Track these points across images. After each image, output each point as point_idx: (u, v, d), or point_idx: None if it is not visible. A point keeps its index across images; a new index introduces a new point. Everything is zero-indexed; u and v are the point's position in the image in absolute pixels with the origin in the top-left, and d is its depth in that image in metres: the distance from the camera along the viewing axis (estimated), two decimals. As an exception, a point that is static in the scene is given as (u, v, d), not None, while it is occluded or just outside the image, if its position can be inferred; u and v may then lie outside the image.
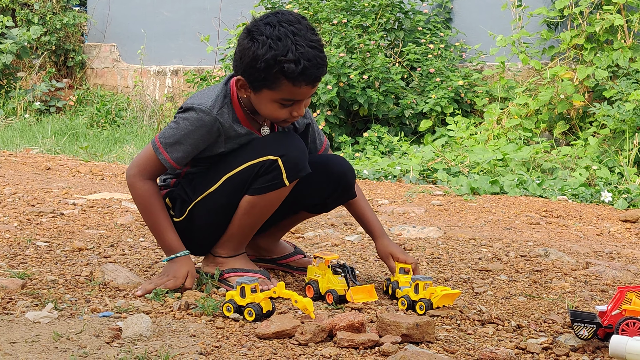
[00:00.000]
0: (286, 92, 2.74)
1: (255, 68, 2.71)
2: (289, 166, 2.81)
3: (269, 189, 2.84)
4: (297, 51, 2.67)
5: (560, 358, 2.43)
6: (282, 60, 2.67)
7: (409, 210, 5.27)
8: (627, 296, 2.50)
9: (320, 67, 2.72)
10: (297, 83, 2.71)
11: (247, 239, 3.01)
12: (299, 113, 2.82)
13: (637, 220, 5.23)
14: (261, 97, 2.78)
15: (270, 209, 2.92)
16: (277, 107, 2.78)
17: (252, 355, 2.25)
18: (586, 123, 7.96)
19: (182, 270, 2.87)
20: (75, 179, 6.19)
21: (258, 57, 2.69)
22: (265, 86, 2.74)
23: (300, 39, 2.69)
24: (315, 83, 2.75)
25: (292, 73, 2.68)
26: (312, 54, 2.69)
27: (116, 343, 2.28)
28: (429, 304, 2.80)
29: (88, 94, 11.77)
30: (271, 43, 2.67)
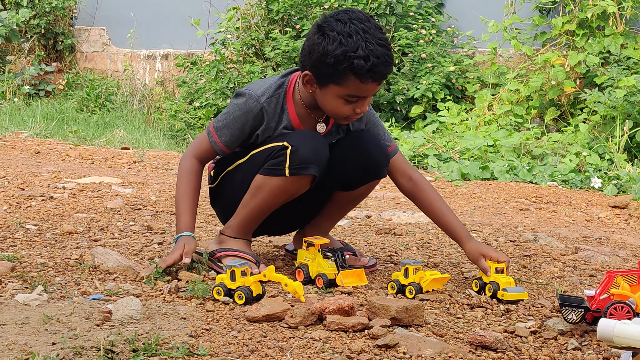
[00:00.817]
0: (353, 88, 2.77)
1: (325, 63, 2.75)
2: (294, 159, 2.83)
3: (271, 172, 2.86)
4: (366, 48, 2.71)
5: (548, 342, 2.44)
6: (352, 57, 2.71)
7: (400, 196, 5.28)
8: (615, 281, 2.51)
9: (388, 65, 2.77)
10: (364, 80, 2.75)
11: (252, 224, 3.00)
12: (362, 110, 2.85)
13: (627, 206, 5.25)
14: (327, 93, 2.82)
15: (273, 198, 2.91)
16: (341, 103, 2.82)
17: (242, 337, 2.26)
18: (577, 109, 7.97)
19: (179, 244, 2.89)
20: (64, 162, 6.17)
21: (328, 53, 2.73)
22: (332, 81, 2.78)
23: (370, 36, 2.73)
24: (382, 80, 2.80)
25: (360, 69, 2.72)
26: (380, 51, 2.73)
27: (106, 325, 2.28)
28: (418, 288, 2.80)
29: (77, 77, 11.73)
30: (342, 39, 2.72)
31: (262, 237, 3.68)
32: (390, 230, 3.98)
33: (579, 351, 2.37)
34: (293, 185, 2.88)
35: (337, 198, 3.15)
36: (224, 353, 2.11)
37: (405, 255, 3.46)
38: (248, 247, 3.01)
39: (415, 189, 3.10)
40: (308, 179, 2.88)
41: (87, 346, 2.08)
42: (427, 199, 3.09)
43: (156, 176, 5.75)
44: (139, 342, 2.12)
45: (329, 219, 3.24)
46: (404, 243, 3.71)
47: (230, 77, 9.13)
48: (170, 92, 10.85)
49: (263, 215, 2.98)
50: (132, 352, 2.07)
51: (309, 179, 2.87)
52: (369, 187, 3.15)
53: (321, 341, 2.27)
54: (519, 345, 2.39)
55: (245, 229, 3.01)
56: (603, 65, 7.87)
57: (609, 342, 1.81)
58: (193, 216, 2.96)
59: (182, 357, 2.05)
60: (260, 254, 3.33)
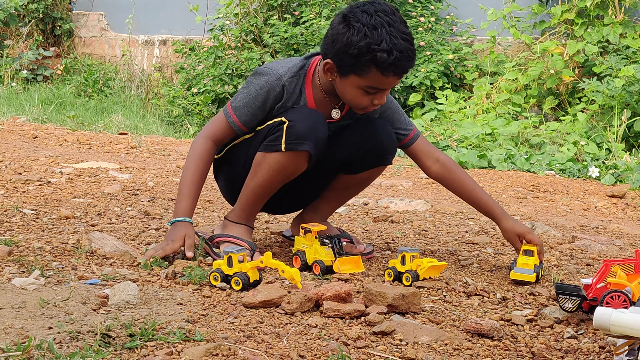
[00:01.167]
0: (373, 80, 2.78)
1: (347, 53, 2.75)
2: (290, 133, 2.83)
3: (268, 148, 2.87)
4: (390, 42, 2.71)
5: (544, 330, 2.45)
6: (375, 49, 2.71)
7: (397, 184, 5.28)
8: (612, 269, 2.51)
9: (410, 60, 2.77)
10: (385, 73, 2.75)
11: (254, 205, 3.00)
12: (380, 102, 2.86)
13: (624, 195, 5.25)
14: (347, 82, 2.82)
15: (272, 176, 2.90)
16: (360, 94, 2.83)
17: (239, 323, 2.26)
18: (575, 99, 7.96)
19: (180, 233, 2.88)
20: (62, 147, 6.16)
21: (352, 43, 2.73)
22: (353, 72, 2.78)
23: (395, 30, 2.73)
24: (402, 74, 2.80)
25: (383, 62, 2.72)
26: (404, 46, 2.73)
27: (103, 310, 2.28)
28: (415, 276, 2.81)
29: (75, 62, 11.70)
30: (366, 31, 2.72)
31: (260, 224, 3.68)
32: (387, 217, 3.98)
33: (575, 339, 2.37)
34: (289, 161, 2.87)
35: (339, 181, 3.14)
36: (220, 339, 2.11)
37: (402, 243, 3.46)
38: (248, 234, 3.01)
39: (444, 171, 3.10)
40: (304, 156, 2.87)
41: (83, 330, 2.08)
42: (458, 180, 3.10)
43: (153, 162, 5.74)
44: (136, 327, 2.12)
45: (328, 204, 3.24)
46: (401, 230, 3.71)
47: (228, 63, 9.11)
48: (168, 78, 10.83)
49: (264, 195, 2.98)
50: (128, 337, 2.07)
51: (305, 155, 2.86)
52: (373, 173, 3.15)
53: (318, 327, 2.27)
54: (515, 333, 2.40)
55: (248, 212, 3.01)
56: (602, 55, 7.85)
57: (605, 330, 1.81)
58: (194, 201, 2.95)
59: (179, 342, 2.05)
60: (258, 240, 3.33)
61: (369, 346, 2.16)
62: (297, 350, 2.07)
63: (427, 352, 2.15)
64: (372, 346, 2.17)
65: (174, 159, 5.96)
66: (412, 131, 3.09)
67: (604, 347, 2.30)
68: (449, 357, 2.14)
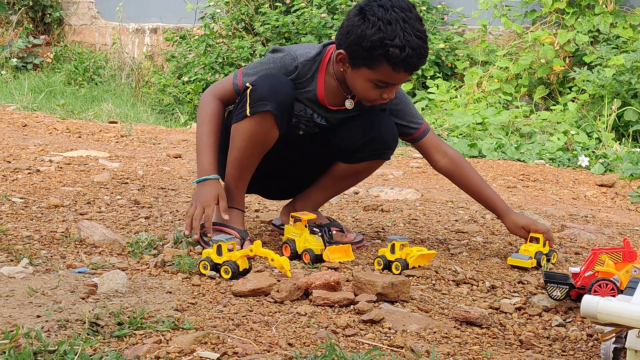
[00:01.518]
0: (384, 74, 2.78)
1: (360, 46, 2.76)
2: (253, 97, 2.84)
3: (237, 117, 2.89)
4: (404, 38, 2.71)
5: (532, 318, 2.46)
6: (388, 44, 2.71)
7: (388, 173, 5.28)
8: (600, 258, 2.52)
9: (422, 58, 2.77)
10: (396, 68, 2.76)
11: (239, 183, 2.99)
12: (389, 96, 2.87)
13: (613, 184, 5.27)
14: (357, 75, 2.83)
15: (245, 145, 2.89)
16: (370, 87, 2.84)
17: (228, 312, 2.26)
18: (566, 88, 7.97)
19: (212, 193, 2.89)
20: (52, 136, 6.15)
21: (366, 37, 2.74)
22: (365, 65, 2.79)
23: (409, 26, 2.73)
24: (413, 71, 2.81)
25: (395, 58, 2.72)
26: (417, 43, 2.73)
27: (91, 299, 2.27)
28: (404, 264, 2.81)
29: (66, 51, 11.66)
30: (381, 25, 2.72)
31: (250, 213, 3.68)
32: (377, 206, 3.99)
33: (563, 328, 2.38)
34: (256, 125, 2.86)
35: (336, 169, 3.14)
36: (209, 327, 2.11)
37: (392, 232, 3.46)
38: (240, 218, 3.00)
39: (452, 166, 3.13)
40: (269, 118, 2.84)
41: (72, 319, 2.07)
42: (465, 175, 3.13)
43: (143, 150, 5.73)
44: (124, 315, 2.12)
45: (321, 192, 3.24)
46: (391, 219, 3.71)
47: (219, 51, 9.09)
48: (159, 67, 10.81)
49: (244, 168, 2.96)
50: (117, 326, 2.07)
51: (269, 117, 2.84)
52: (370, 167, 3.15)
53: (307, 316, 2.27)
54: (503, 321, 2.40)
55: (235, 191, 3.00)
56: (592, 44, 7.86)
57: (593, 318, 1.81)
58: (215, 156, 2.96)
59: (168, 330, 2.05)
60: (248, 228, 3.33)
61: (357, 334, 2.17)
62: (286, 339, 2.07)
63: (416, 340, 2.15)
64: (361, 334, 2.17)
65: (164, 147, 5.94)
66: (422, 125, 3.12)
67: (592, 335, 2.31)
68: (438, 345, 2.14)
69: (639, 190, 4.85)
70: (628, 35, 7.66)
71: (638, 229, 3.93)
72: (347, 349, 2.05)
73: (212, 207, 2.89)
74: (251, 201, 3.93)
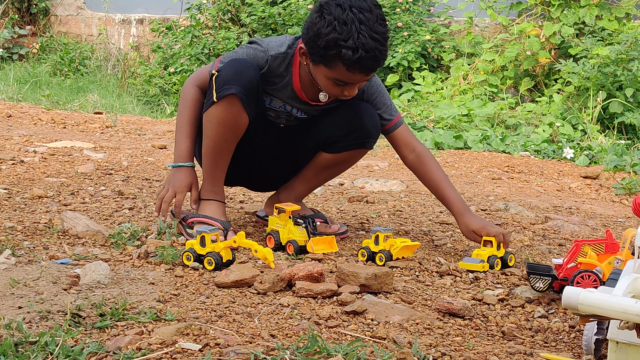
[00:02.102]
0: (340, 74, 2.78)
1: (316, 44, 2.76)
2: (218, 82, 2.85)
3: (207, 105, 2.90)
4: (357, 40, 2.70)
5: (515, 309, 2.46)
6: (342, 45, 2.71)
7: (373, 164, 5.28)
8: (583, 249, 2.53)
9: (376, 60, 2.75)
10: (350, 69, 2.75)
11: (216, 172, 2.98)
12: (350, 94, 2.87)
13: (598, 176, 5.28)
14: (318, 71, 2.84)
15: (216, 132, 2.89)
16: (330, 84, 2.84)
17: (210, 303, 2.26)
18: (551, 80, 7.98)
19: (186, 180, 2.94)
20: (36, 127, 6.12)
21: (320, 35, 2.74)
22: (322, 62, 2.79)
23: (365, 28, 2.71)
24: (370, 73, 2.80)
25: (348, 59, 2.72)
26: (371, 45, 2.72)
27: (74, 290, 2.27)
28: (388, 256, 2.81)
29: (51, 41, 11.59)
30: (336, 25, 2.71)
31: (234, 204, 3.67)
32: (362, 198, 3.99)
33: (546, 319, 2.39)
34: (223, 109, 2.86)
35: (319, 159, 3.14)
36: (191, 318, 2.11)
37: (376, 223, 3.46)
38: (221, 211, 3.00)
39: (417, 162, 3.09)
40: (235, 101, 2.83)
41: (53, 310, 2.07)
42: (428, 172, 3.08)
43: (129, 141, 5.71)
44: (106, 306, 2.12)
45: (304, 183, 3.23)
46: (376, 211, 3.72)
47: (205, 42, 9.06)
48: (145, 57, 10.76)
49: (218, 156, 2.95)
50: (99, 317, 2.06)
51: (235, 100, 2.83)
52: (352, 156, 3.15)
53: (290, 307, 2.27)
54: (486, 312, 2.41)
55: (213, 182, 2.99)
56: (578, 37, 7.87)
57: (574, 309, 1.82)
58: (193, 143, 2.99)
59: (150, 322, 2.05)
60: (232, 220, 3.33)
61: (340, 325, 2.17)
62: (269, 330, 2.07)
63: (398, 331, 2.16)
64: (344, 326, 2.17)
65: (150, 138, 5.93)
66: (395, 118, 3.10)
67: (574, 327, 2.32)
68: (420, 336, 2.15)
69: (623, 182, 4.87)
70: (613, 27, 7.67)
71: (622, 221, 3.94)
72: (330, 340, 2.05)
73: (183, 193, 2.93)
74: (235, 192, 3.93)
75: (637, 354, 1.91)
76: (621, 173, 5.32)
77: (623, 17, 7.85)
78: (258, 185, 3.35)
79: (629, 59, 7.05)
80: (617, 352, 1.93)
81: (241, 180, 3.27)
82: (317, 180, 3.25)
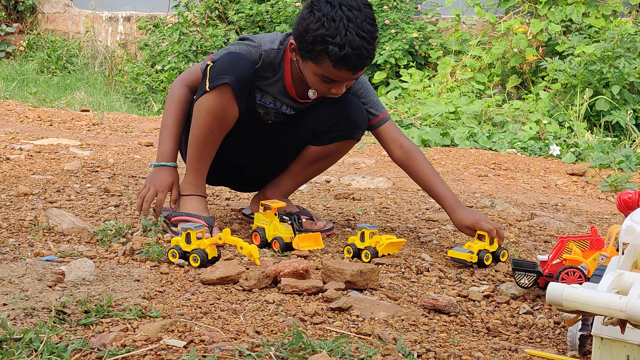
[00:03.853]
0: (327, 71, 2.78)
1: (305, 39, 2.77)
2: (212, 72, 2.85)
3: (198, 94, 2.90)
4: (345, 37, 2.71)
5: (500, 306, 2.47)
6: (329, 42, 2.72)
7: (360, 161, 5.29)
8: (567, 246, 2.54)
9: (363, 58, 2.75)
10: (337, 66, 2.75)
11: (200, 164, 2.96)
12: (338, 92, 2.87)
13: (584, 173, 5.30)
14: (306, 66, 2.84)
15: (205, 122, 2.88)
16: (318, 80, 2.84)
17: (196, 300, 2.25)
18: (538, 77, 8.01)
19: (168, 180, 2.95)
20: (23, 124, 6.10)
21: (309, 31, 2.75)
22: (310, 58, 2.80)
23: (353, 25, 2.72)
24: (356, 71, 2.80)
25: (334, 56, 2.72)
26: (358, 43, 2.72)
27: (59, 287, 2.26)
28: (374, 252, 2.81)
29: (39, 39, 11.56)
30: (325, 22, 2.72)
31: (220, 201, 3.67)
32: (349, 195, 3.99)
33: (531, 315, 2.39)
34: (215, 99, 2.85)
35: (306, 153, 3.14)
36: (176, 315, 2.10)
37: (363, 220, 3.47)
38: (203, 206, 2.99)
39: (405, 158, 3.09)
40: (227, 91, 2.83)
41: (38, 307, 2.06)
42: (417, 168, 3.08)
43: (115, 139, 5.70)
44: (91, 303, 2.11)
45: (291, 179, 3.23)
46: (362, 208, 3.72)
47: (193, 40, 9.04)
48: (132, 55, 10.74)
49: (204, 147, 2.94)
50: (83, 314, 2.05)
51: (227, 90, 2.83)
52: (340, 148, 3.14)
53: (275, 304, 2.27)
54: (471, 309, 2.41)
55: (196, 174, 2.98)
56: (565, 34, 7.90)
57: (558, 305, 1.82)
58: (177, 143, 2.99)
59: (134, 318, 2.05)
60: (218, 217, 3.32)
61: (325, 322, 2.17)
62: (254, 327, 2.07)
63: (384, 327, 2.16)
64: (329, 322, 2.17)
65: (136, 135, 5.91)
66: (381, 114, 3.10)
67: (559, 323, 2.33)
68: (405, 332, 2.15)
69: (609, 179, 4.88)
70: (600, 24, 7.70)
71: (607, 218, 3.96)
72: (315, 336, 2.05)
73: (165, 193, 2.94)
74: (222, 189, 3.92)
75: (621, 350, 1.92)
76: (607, 170, 5.34)
77: (610, 14, 7.88)
78: (243, 185, 3.35)
79: (615, 56, 7.08)
80: (601, 348, 1.94)
81: (226, 180, 3.27)
82: (304, 175, 3.25)
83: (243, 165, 3.17)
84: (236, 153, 3.09)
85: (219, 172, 3.12)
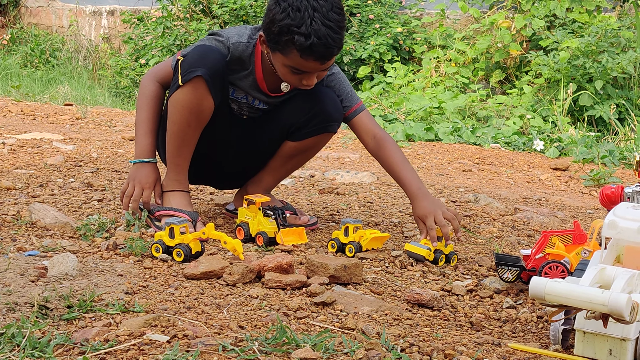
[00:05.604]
0: (294, 61, 2.77)
1: (271, 30, 2.76)
2: (184, 66, 2.85)
3: (172, 89, 2.90)
4: (310, 26, 2.70)
5: (484, 300, 2.48)
6: (295, 32, 2.71)
7: (344, 156, 5.29)
8: (550, 240, 2.54)
9: (329, 48, 2.74)
10: (304, 56, 2.74)
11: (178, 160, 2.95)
12: (309, 83, 2.86)
13: (567, 168, 5.32)
14: (275, 58, 2.83)
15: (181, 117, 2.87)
16: (288, 72, 2.83)
17: (179, 295, 2.25)
18: (522, 72, 8.03)
19: (151, 176, 2.96)
20: (5, 118, 6.07)
21: (275, 21, 2.74)
22: (278, 50, 2.79)
23: (319, 15, 2.71)
24: (324, 61, 2.78)
25: (300, 46, 2.71)
26: (324, 32, 2.71)
27: (41, 282, 2.25)
28: (358, 247, 2.82)
29: (22, 33, 11.50)
30: (290, 12, 2.71)
31: (204, 196, 3.66)
32: (333, 189, 3.99)
33: (514, 309, 2.40)
34: (189, 93, 2.84)
35: (284, 149, 3.14)
36: (159, 310, 2.10)
37: (347, 215, 3.47)
38: (186, 201, 2.98)
39: (376, 147, 3.07)
40: (200, 83, 2.82)
41: (20, 302, 2.05)
42: (386, 155, 3.05)
43: (99, 133, 5.68)
44: (74, 298, 2.11)
45: (272, 174, 3.22)
46: (347, 202, 3.72)
47: (177, 34, 9.02)
48: (116, 49, 10.70)
49: (182, 142, 2.92)
50: (66, 309, 2.05)
51: (201, 82, 2.82)
52: (318, 142, 3.14)
53: (258, 298, 2.27)
54: (455, 303, 2.42)
55: (178, 170, 2.97)
56: (549, 29, 7.92)
57: (541, 299, 1.83)
58: (154, 139, 2.99)
59: (117, 313, 2.04)
60: (201, 212, 3.32)
61: (309, 317, 2.17)
62: (237, 321, 2.07)
63: (367, 322, 2.16)
64: (313, 317, 2.17)
65: (120, 130, 5.89)
66: (355, 105, 3.09)
67: (542, 317, 2.34)
68: (389, 327, 2.15)
69: (592, 173, 4.90)
70: (584, 19, 7.72)
71: (591, 212, 3.97)
72: (298, 331, 2.05)
73: (151, 189, 2.95)
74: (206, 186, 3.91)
75: (604, 344, 1.93)
76: (590, 165, 5.36)
77: (594, 9, 7.90)
78: (225, 183, 3.34)
79: (598, 51, 7.10)
80: (584, 342, 1.95)
81: (207, 178, 3.26)
82: (284, 170, 3.24)
83: (223, 163, 3.16)
84: (214, 151, 3.08)
85: (199, 171, 3.11)
